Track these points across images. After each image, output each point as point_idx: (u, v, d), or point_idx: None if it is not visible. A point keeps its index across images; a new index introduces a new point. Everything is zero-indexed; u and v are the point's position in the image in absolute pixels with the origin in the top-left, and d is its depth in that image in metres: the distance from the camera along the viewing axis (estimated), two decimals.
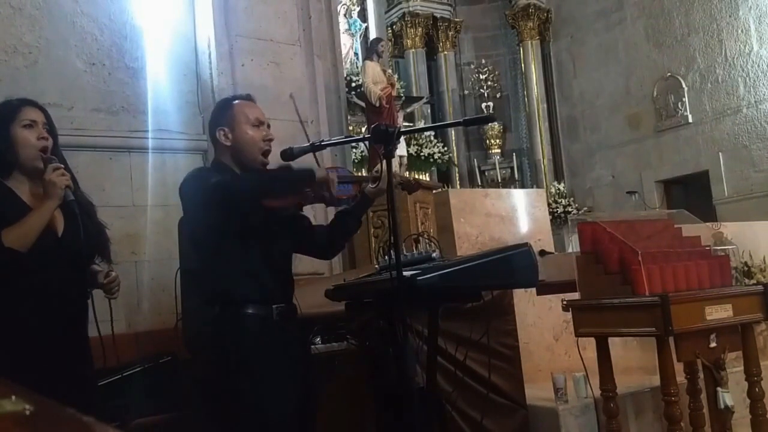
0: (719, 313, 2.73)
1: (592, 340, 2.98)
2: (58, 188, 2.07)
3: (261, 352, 2.14)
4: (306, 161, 2.30)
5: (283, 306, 2.23)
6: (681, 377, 3.00)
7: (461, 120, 2.27)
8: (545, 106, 12.06)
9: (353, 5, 11.98)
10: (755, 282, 3.66)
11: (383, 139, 1.97)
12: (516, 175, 11.85)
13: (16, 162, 2.14)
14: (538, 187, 10.92)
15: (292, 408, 2.17)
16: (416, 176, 8.84)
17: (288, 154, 2.21)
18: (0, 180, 2.14)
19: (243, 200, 2.12)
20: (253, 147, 2.26)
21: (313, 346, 2.85)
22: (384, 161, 1.98)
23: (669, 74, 10.13)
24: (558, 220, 10.28)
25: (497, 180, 11.67)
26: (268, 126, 2.32)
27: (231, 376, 2.14)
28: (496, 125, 12.00)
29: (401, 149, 8.29)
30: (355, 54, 11.71)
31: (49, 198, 2.08)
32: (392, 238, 1.90)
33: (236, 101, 2.34)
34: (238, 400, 2.13)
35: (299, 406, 2.20)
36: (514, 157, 11.98)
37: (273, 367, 2.15)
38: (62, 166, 2.13)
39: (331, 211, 3.60)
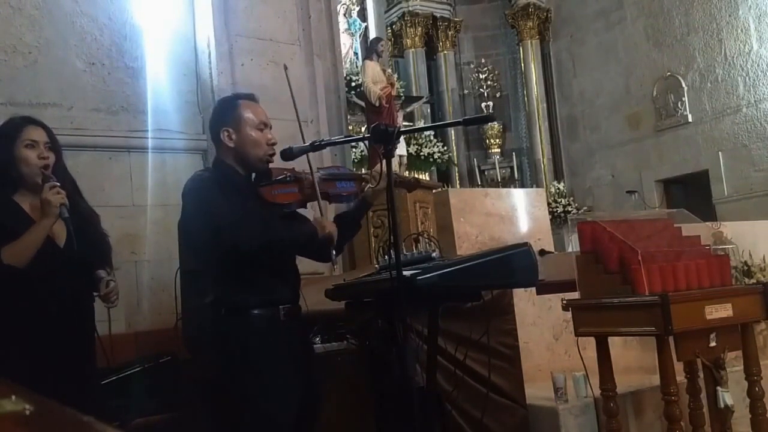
0: (719, 312, 2.73)
1: (592, 339, 2.98)
2: (53, 207, 2.17)
3: (267, 353, 2.14)
4: (301, 161, 2.31)
5: (289, 306, 2.24)
6: (681, 377, 3.00)
7: (461, 119, 2.27)
8: (545, 105, 12.06)
9: (353, 5, 11.98)
10: (755, 281, 3.66)
11: (383, 139, 1.97)
12: (516, 175, 11.86)
13: (21, 179, 2.27)
14: (537, 186, 10.91)
15: (296, 407, 2.17)
16: (416, 175, 8.85)
17: (288, 154, 2.22)
18: (7, 194, 2.26)
19: (244, 251, 2.12)
20: (257, 150, 2.26)
21: (314, 346, 2.85)
22: (384, 161, 1.98)
23: (669, 74, 10.13)
24: (558, 220, 10.28)
25: (497, 179, 11.67)
26: (271, 128, 2.32)
27: (238, 377, 2.14)
28: (495, 125, 12.00)
29: (401, 149, 8.29)
30: (355, 53, 11.70)
31: (45, 216, 2.18)
32: (392, 237, 1.90)
33: (241, 101, 2.32)
34: (245, 399, 2.13)
35: (303, 405, 2.21)
36: (514, 157, 11.98)
37: (279, 367, 2.15)
38: (58, 184, 2.23)
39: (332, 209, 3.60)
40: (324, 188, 2.29)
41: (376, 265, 2.44)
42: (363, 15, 12.01)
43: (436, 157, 11.05)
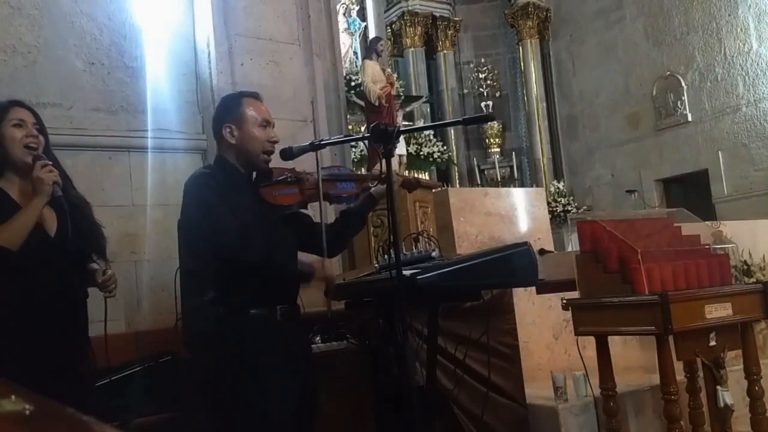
0: (719, 311, 2.73)
1: (592, 338, 2.98)
2: (46, 185, 2.09)
3: (264, 353, 2.15)
4: (305, 160, 2.31)
5: (286, 307, 2.24)
6: (681, 376, 3.00)
7: (461, 119, 2.27)
8: (545, 105, 12.06)
9: (352, 4, 11.96)
10: (755, 281, 3.66)
11: (383, 138, 1.97)
12: (515, 174, 11.86)
13: (7, 161, 2.17)
14: (537, 186, 10.91)
15: (293, 408, 2.17)
16: (416, 175, 8.84)
17: (288, 153, 2.22)
18: None
19: (236, 263, 2.14)
20: (257, 147, 2.26)
21: (313, 346, 2.85)
22: (384, 160, 1.98)
23: (668, 73, 10.13)
24: (557, 219, 10.28)
25: (497, 179, 11.67)
26: (273, 126, 2.33)
27: (234, 376, 2.14)
28: (495, 124, 12.00)
29: (401, 148, 8.29)
30: (355, 53, 11.69)
31: (37, 195, 2.10)
32: (392, 237, 1.90)
33: (244, 98, 2.32)
34: (241, 399, 2.14)
35: (301, 405, 2.21)
36: (514, 156, 11.99)
37: (275, 367, 2.15)
38: (50, 163, 2.15)
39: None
40: (324, 189, 2.30)
41: (376, 265, 2.43)
42: (362, 14, 12.00)
43: (435, 156, 11.05)
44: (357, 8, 11.99)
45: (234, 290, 2.17)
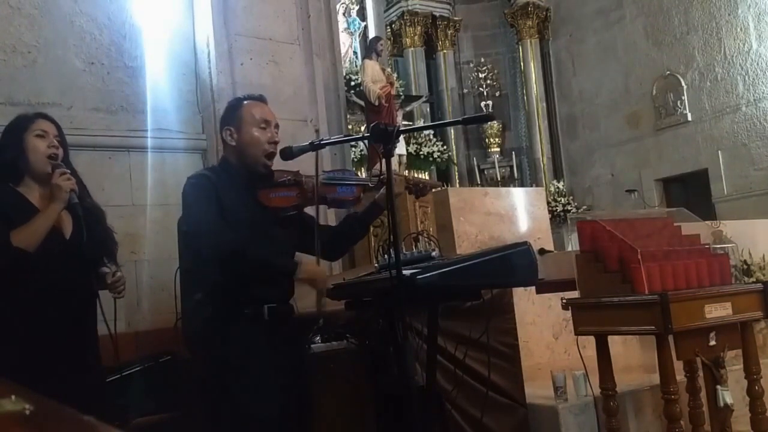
0: (719, 311, 2.73)
1: (592, 338, 2.98)
2: (64, 191, 2.21)
3: (249, 353, 2.15)
4: (304, 162, 2.31)
5: (275, 306, 2.24)
6: (680, 375, 3.00)
7: (460, 119, 2.28)
8: (544, 104, 12.06)
9: (352, 4, 11.96)
10: (755, 280, 3.66)
11: (382, 138, 1.97)
12: (515, 174, 11.85)
13: (27, 168, 2.28)
14: (537, 185, 10.91)
15: (281, 407, 2.17)
16: (420, 177, 8.83)
17: (287, 153, 2.23)
18: (12, 186, 2.28)
19: (210, 259, 2.17)
20: (256, 148, 2.28)
21: (313, 345, 2.85)
22: (383, 160, 1.98)
23: (668, 72, 10.13)
24: (557, 219, 10.28)
25: (496, 179, 11.67)
26: (277, 127, 2.33)
27: (223, 375, 2.15)
28: (495, 124, 11.99)
29: (400, 148, 8.29)
30: (355, 53, 11.69)
31: (54, 201, 2.21)
32: (392, 237, 1.90)
33: (246, 101, 2.37)
34: (229, 399, 2.15)
35: (291, 405, 2.21)
36: (514, 156, 11.98)
37: (260, 367, 2.16)
38: (68, 171, 2.27)
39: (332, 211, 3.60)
40: (323, 192, 2.30)
41: (376, 265, 2.43)
42: (362, 14, 11.99)
43: (435, 156, 11.05)
44: (357, 8, 11.98)
45: (221, 290, 2.18)
